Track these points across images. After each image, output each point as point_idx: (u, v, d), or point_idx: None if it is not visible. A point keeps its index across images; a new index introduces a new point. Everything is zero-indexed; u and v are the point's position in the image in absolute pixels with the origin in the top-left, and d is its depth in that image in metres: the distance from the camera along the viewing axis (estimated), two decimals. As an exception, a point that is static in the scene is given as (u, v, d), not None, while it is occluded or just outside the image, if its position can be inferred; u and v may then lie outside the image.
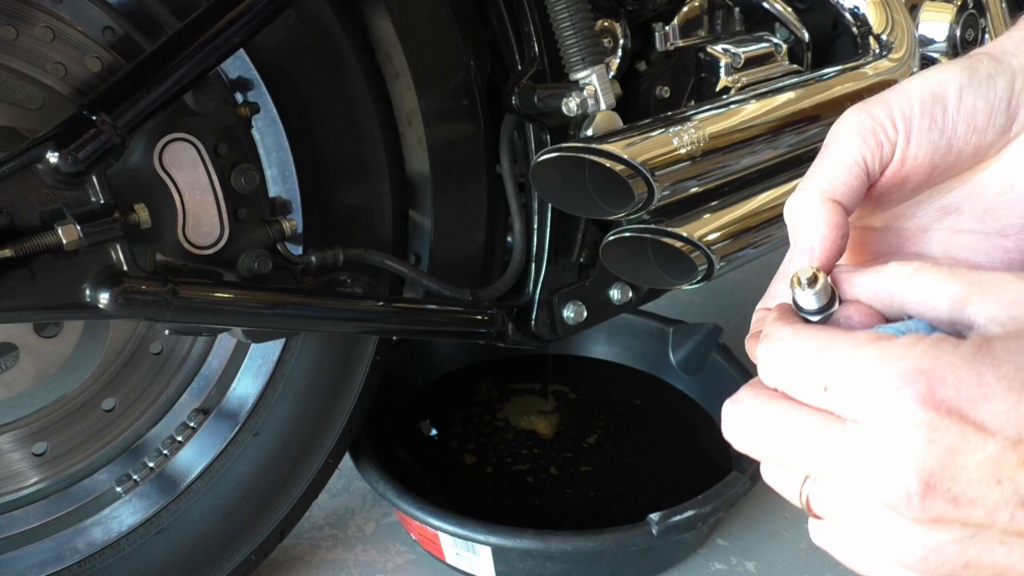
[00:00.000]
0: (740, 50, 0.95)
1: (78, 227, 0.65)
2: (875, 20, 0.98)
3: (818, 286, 0.38)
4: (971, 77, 0.41)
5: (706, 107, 0.83)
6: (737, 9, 1.00)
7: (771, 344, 0.36)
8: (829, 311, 0.38)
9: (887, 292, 0.37)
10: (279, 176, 0.85)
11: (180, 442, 0.89)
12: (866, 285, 0.38)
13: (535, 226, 0.94)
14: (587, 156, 0.75)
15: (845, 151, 0.41)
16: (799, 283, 0.38)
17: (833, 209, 0.40)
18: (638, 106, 0.95)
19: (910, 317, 0.36)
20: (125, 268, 0.68)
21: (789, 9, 1.02)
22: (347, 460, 0.99)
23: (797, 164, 0.88)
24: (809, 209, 0.40)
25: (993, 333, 0.32)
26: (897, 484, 0.31)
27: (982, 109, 0.41)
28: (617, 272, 0.85)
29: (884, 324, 0.37)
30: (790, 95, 0.86)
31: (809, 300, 0.38)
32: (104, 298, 0.66)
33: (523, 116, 0.88)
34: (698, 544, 1.01)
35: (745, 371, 1.13)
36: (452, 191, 0.93)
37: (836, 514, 0.35)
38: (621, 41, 0.91)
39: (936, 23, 1.06)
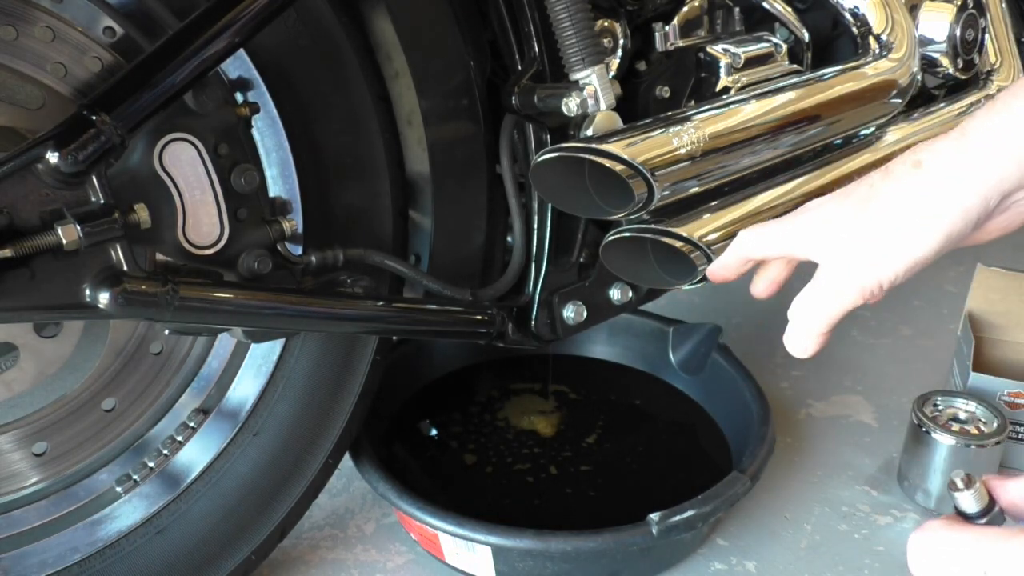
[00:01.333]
0: (740, 50, 0.95)
1: (78, 227, 0.64)
2: (875, 20, 0.98)
3: (974, 487, 0.44)
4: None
5: (706, 107, 0.83)
6: (737, 9, 1.00)
7: (926, 535, 0.42)
8: (990, 513, 0.44)
9: None
10: (279, 176, 0.85)
11: (180, 442, 0.89)
12: (1018, 489, 0.45)
13: (535, 226, 0.94)
14: (587, 156, 0.75)
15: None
16: (955, 486, 0.44)
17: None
18: (638, 106, 0.95)
19: None
20: (125, 268, 0.68)
21: (789, 9, 1.02)
22: (347, 460, 0.99)
23: (797, 164, 0.88)
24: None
25: None
26: None
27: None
28: (617, 272, 0.85)
29: None
30: (790, 95, 0.86)
31: (969, 501, 0.44)
32: (104, 298, 0.66)
33: (523, 116, 0.88)
34: (698, 544, 1.01)
35: (745, 371, 1.13)
36: (452, 191, 0.93)
37: None
38: (621, 41, 0.91)
39: (936, 23, 1.06)
